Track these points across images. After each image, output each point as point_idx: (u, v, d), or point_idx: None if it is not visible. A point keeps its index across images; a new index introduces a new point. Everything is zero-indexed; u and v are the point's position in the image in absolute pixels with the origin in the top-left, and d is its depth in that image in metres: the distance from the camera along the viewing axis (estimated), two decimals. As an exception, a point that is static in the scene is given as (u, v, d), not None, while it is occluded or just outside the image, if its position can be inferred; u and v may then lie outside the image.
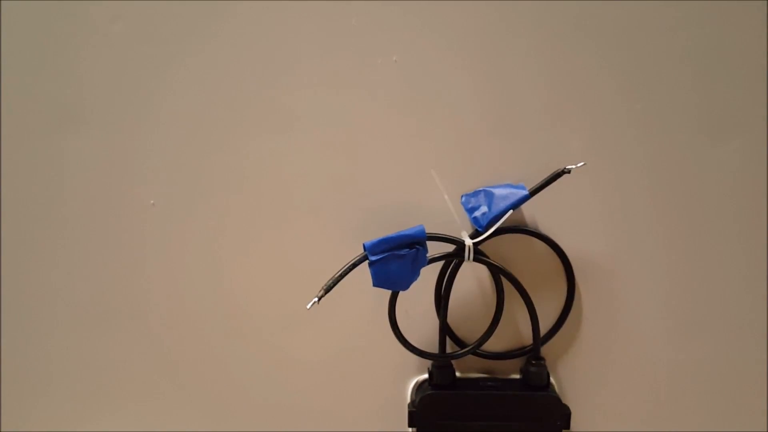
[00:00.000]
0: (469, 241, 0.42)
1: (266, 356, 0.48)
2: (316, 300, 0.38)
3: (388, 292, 0.43)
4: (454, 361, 0.46)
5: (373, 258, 0.39)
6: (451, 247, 0.43)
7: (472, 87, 0.43)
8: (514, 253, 0.45)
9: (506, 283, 0.44)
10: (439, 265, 0.45)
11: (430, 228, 0.41)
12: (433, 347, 0.46)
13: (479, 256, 0.43)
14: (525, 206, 0.43)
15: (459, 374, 0.47)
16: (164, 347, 0.48)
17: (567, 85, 0.43)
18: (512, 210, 0.41)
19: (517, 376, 0.48)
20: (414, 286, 0.41)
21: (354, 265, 0.39)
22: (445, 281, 0.45)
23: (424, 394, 0.45)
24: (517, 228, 0.44)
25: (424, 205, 0.44)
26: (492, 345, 0.47)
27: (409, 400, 0.48)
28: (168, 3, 0.42)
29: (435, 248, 0.42)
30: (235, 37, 0.43)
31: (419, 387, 0.48)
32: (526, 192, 0.41)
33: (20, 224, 0.46)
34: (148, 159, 0.45)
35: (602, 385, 0.48)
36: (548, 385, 0.46)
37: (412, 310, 0.46)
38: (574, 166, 0.41)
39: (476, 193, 0.43)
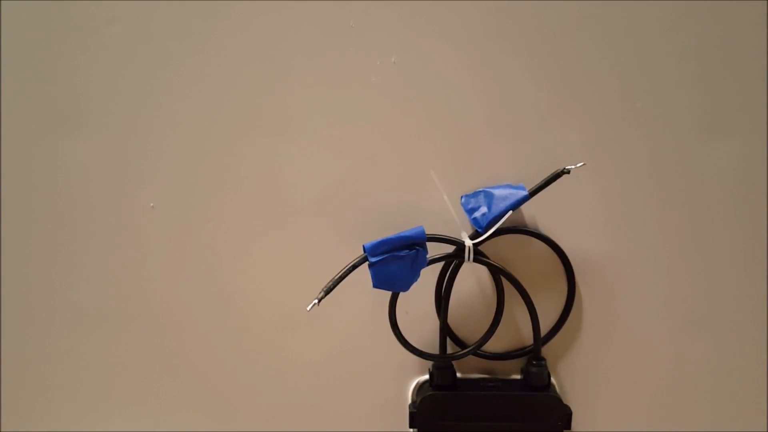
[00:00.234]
0: (469, 242, 0.42)
1: (267, 357, 0.48)
2: (317, 302, 0.38)
3: (388, 294, 0.43)
4: (454, 362, 0.47)
5: (373, 259, 0.39)
6: (451, 248, 0.43)
7: (472, 87, 0.43)
8: (514, 253, 0.45)
9: (506, 283, 0.44)
10: (439, 265, 0.45)
11: (430, 229, 0.41)
12: (434, 348, 0.46)
13: (479, 256, 0.43)
14: (525, 207, 0.43)
15: (460, 375, 0.47)
16: (164, 348, 0.48)
17: (567, 84, 0.43)
18: (512, 210, 0.41)
19: (517, 377, 0.48)
20: (414, 287, 0.41)
21: (354, 267, 0.39)
22: (445, 282, 0.45)
23: (424, 395, 0.45)
24: (517, 228, 0.44)
25: (423, 206, 0.44)
26: (492, 345, 0.47)
27: (410, 400, 0.48)
28: (165, 4, 0.42)
29: (435, 249, 0.42)
30: (233, 39, 0.43)
31: (420, 388, 0.48)
32: (525, 192, 0.41)
33: (20, 226, 0.46)
34: (147, 161, 0.45)
35: (603, 386, 0.48)
36: (549, 385, 0.46)
37: (413, 311, 0.46)
38: (573, 167, 0.40)
39: (476, 194, 0.43)
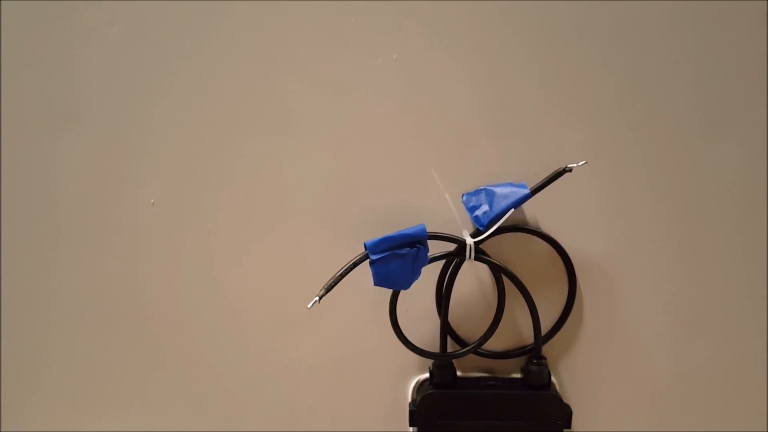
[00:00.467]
0: (470, 240, 0.42)
1: (266, 356, 0.48)
2: (317, 299, 0.38)
3: (388, 292, 0.43)
4: (454, 361, 0.46)
5: (374, 257, 0.39)
6: (452, 246, 0.43)
7: (473, 86, 0.43)
8: (515, 252, 0.45)
9: (507, 282, 0.44)
10: (440, 264, 0.45)
11: (431, 227, 0.41)
12: (434, 346, 0.46)
13: (480, 255, 0.43)
14: (526, 205, 0.43)
15: (460, 373, 0.47)
16: (164, 348, 0.48)
17: (567, 84, 0.43)
18: (513, 209, 0.41)
19: (518, 376, 0.48)
20: (415, 285, 0.41)
21: (355, 265, 0.39)
22: (446, 280, 0.45)
23: (425, 394, 0.45)
24: (518, 227, 0.44)
25: (424, 204, 0.44)
26: (493, 344, 0.46)
27: (410, 399, 0.48)
28: (165, 4, 0.42)
29: (436, 247, 0.42)
30: (233, 38, 0.43)
31: (420, 386, 0.48)
32: (527, 191, 0.41)
33: (18, 225, 0.46)
34: (146, 160, 0.45)
35: (603, 385, 0.48)
36: (549, 384, 0.46)
37: (413, 309, 0.46)
38: (575, 165, 0.40)
39: (477, 192, 0.43)
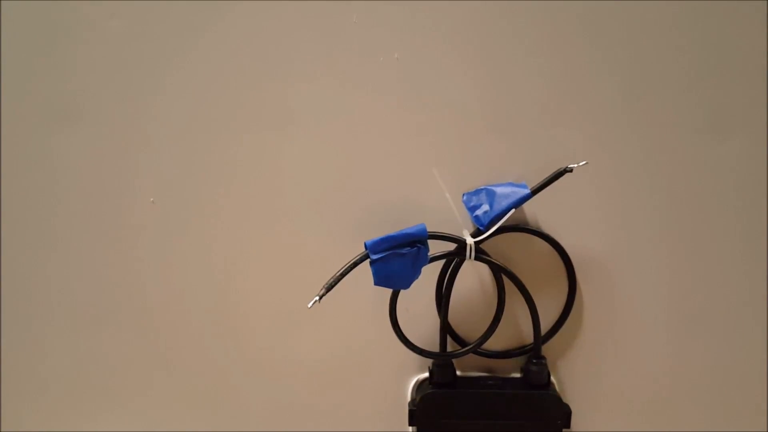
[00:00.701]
0: (470, 240, 0.42)
1: (267, 355, 0.48)
2: (317, 299, 0.38)
3: (389, 291, 0.43)
4: (454, 360, 0.46)
5: (375, 257, 0.39)
6: (453, 246, 0.43)
7: (474, 85, 0.43)
8: (516, 251, 0.45)
9: (507, 281, 0.44)
10: (440, 263, 0.45)
11: (432, 226, 0.41)
12: (434, 346, 0.46)
13: (480, 254, 0.43)
14: (526, 205, 0.43)
15: (459, 373, 0.47)
16: (164, 347, 0.48)
17: (568, 83, 0.43)
18: (514, 209, 0.41)
19: (517, 375, 0.48)
20: (415, 284, 0.41)
21: (355, 264, 0.39)
22: (446, 280, 0.45)
23: (424, 393, 0.45)
24: (519, 227, 0.44)
25: (425, 203, 0.44)
26: (493, 344, 0.46)
27: (409, 398, 0.48)
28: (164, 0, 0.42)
29: (436, 247, 0.42)
30: (234, 34, 0.42)
31: (420, 385, 0.48)
32: (527, 190, 0.41)
33: (17, 223, 0.46)
34: (146, 157, 0.45)
35: (603, 384, 0.48)
36: (549, 384, 0.46)
37: (413, 308, 0.46)
38: (576, 165, 0.40)
39: (478, 192, 0.43)
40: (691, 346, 0.47)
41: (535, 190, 0.41)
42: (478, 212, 0.42)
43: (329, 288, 0.39)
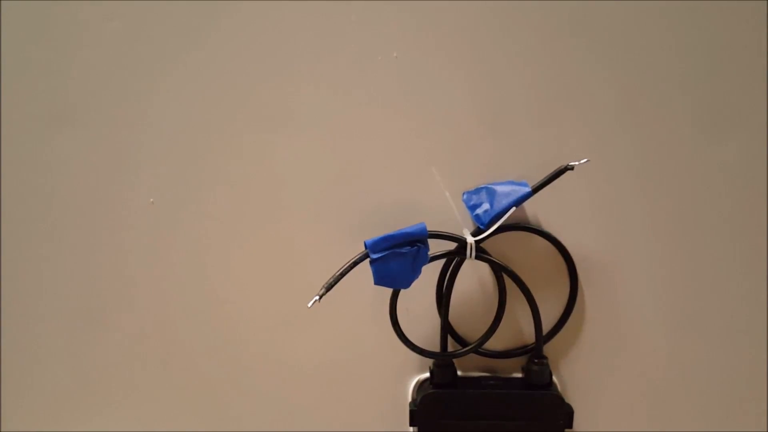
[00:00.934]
0: (470, 239, 0.42)
1: (266, 355, 0.48)
2: (317, 298, 0.38)
3: (389, 291, 0.43)
4: (455, 360, 0.46)
5: (374, 256, 0.39)
6: (453, 245, 0.43)
7: (474, 84, 0.43)
8: (516, 250, 0.45)
9: (508, 281, 0.44)
10: (441, 263, 0.45)
11: (432, 226, 0.41)
12: (435, 346, 0.46)
13: (481, 253, 0.43)
14: (527, 203, 0.43)
15: (460, 373, 0.47)
16: (163, 347, 0.48)
17: (567, 82, 0.42)
18: (515, 207, 0.40)
19: (519, 375, 0.47)
20: (415, 284, 0.41)
21: (355, 263, 0.39)
22: (446, 279, 0.45)
23: (425, 393, 0.45)
24: (520, 225, 0.44)
25: (425, 202, 0.44)
26: (494, 343, 0.46)
27: (410, 399, 0.48)
28: (163, 1, 0.42)
29: (436, 246, 0.42)
30: (232, 34, 0.42)
31: (420, 386, 0.47)
32: (528, 189, 0.41)
33: (17, 223, 0.46)
34: (145, 157, 0.45)
35: (605, 384, 0.48)
36: (550, 383, 0.46)
37: (414, 308, 0.46)
38: (577, 163, 0.40)
39: (478, 191, 0.43)
40: (692, 346, 0.47)
41: (536, 189, 0.41)
42: (479, 211, 0.42)
43: (329, 288, 0.38)
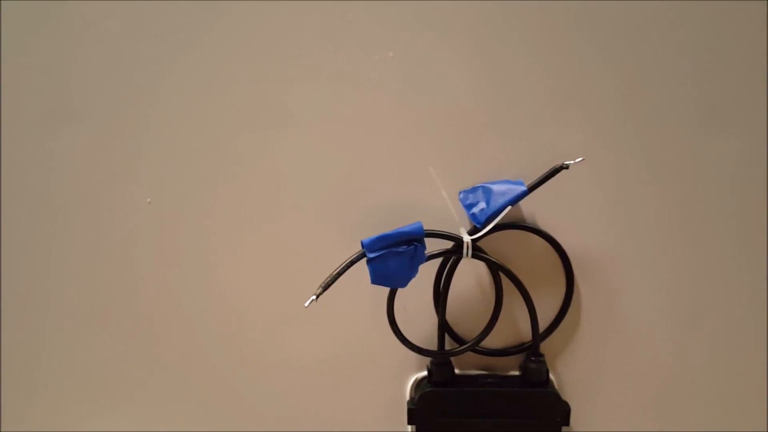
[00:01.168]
0: (467, 238, 0.42)
1: (264, 354, 0.48)
2: (314, 298, 0.38)
3: (386, 290, 0.43)
4: (453, 358, 0.46)
5: (371, 255, 0.39)
6: (450, 244, 0.43)
7: (470, 82, 0.43)
8: (513, 249, 0.45)
9: (505, 279, 0.44)
10: (438, 261, 0.45)
11: (428, 225, 0.41)
12: (432, 344, 0.46)
13: (478, 252, 0.43)
14: (523, 202, 0.43)
15: (458, 371, 0.47)
16: (163, 346, 0.48)
17: (565, 80, 0.42)
18: (511, 206, 0.40)
19: (516, 373, 0.47)
20: (412, 283, 0.41)
21: (352, 263, 0.39)
22: (443, 278, 0.45)
23: (423, 392, 0.45)
24: (516, 224, 0.44)
25: (422, 201, 0.44)
26: (491, 342, 0.46)
27: (408, 397, 0.48)
28: (162, 0, 0.42)
29: (433, 245, 0.42)
30: (230, 33, 0.42)
31: (418, 384, 0.48)
32: (524, 188, 0.41)
33: (16, 223, 0.46)
34: (144, 156, 0.45)
35: (602, 381, 0.48)
36: (548, 381, 0.46)
37: (411, 307, 0.46)
38: (572, 162, 0.40)
39: (474, 190, 0.43)
40: (689, 342, 0.47)
41: (532, 187, 0.41)
42: (475, 210, 0.42)
43: (326, 287, 0.38)
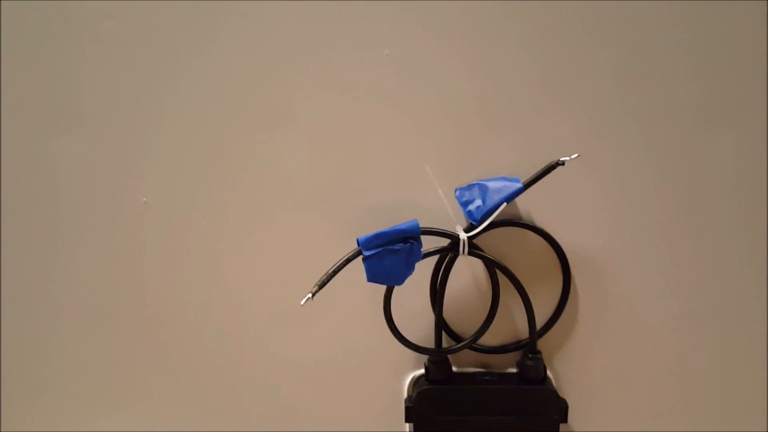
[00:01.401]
0: (463, 235, 0.42)
1: (261, 353, 0.48)
2: (310, 296, 0.38)
3: (382, 288, 0.43)
4: (450, 356, 0.46)
5: (368, 253, 0.39)
6: (446, 242, 0.43)
7: (466, 80, 0.43)
8: (509, 246, 0.45)
9: (502, 276, 0.44)
10: (434, 259, 0.45)
11: (425, 222, 0.41)
12: (429, 342, 0.46)
13: (474, 249, 0.43)
14: (519, 199, 0.43)
15: (455, 369, 0.47)
16: (163, 347, 0.48)
17: (562, 77, 0.42)
18: (507, 203, 0.40)
19: (513, 370, 0.47)
20: (409, 280, 0.41)
21: (348, 261, 0.39)
22: (440, 276, 0.45)
23: (420, 389, 0.45)
24: (512, 221, 0.44)
25: (418, 199, 0.44)
26: (488, 339, 0.46)
27: (405, 395, 0.48)
28: (160, 1, 0.42)
29: (429, 243, 0.42)
30: (226, 34, 0.42)
31: (416, 382, 0.48)
32: (520, 185, 0.41)
33: (17, 224, 0.46)
34: (142, 157, 0.45)
35: (599, 379, 0.48)
36: (545, 378, 0.46)
37: (408, 305, 0.46)
38: (568, 158, 0.40)
39: (470, 187, 0.43)
40: (686, 340, 0.47)
41: (528, 184, 0.41)
42: (471, 207, 0.42)
43: (322, 285, 0.39)
